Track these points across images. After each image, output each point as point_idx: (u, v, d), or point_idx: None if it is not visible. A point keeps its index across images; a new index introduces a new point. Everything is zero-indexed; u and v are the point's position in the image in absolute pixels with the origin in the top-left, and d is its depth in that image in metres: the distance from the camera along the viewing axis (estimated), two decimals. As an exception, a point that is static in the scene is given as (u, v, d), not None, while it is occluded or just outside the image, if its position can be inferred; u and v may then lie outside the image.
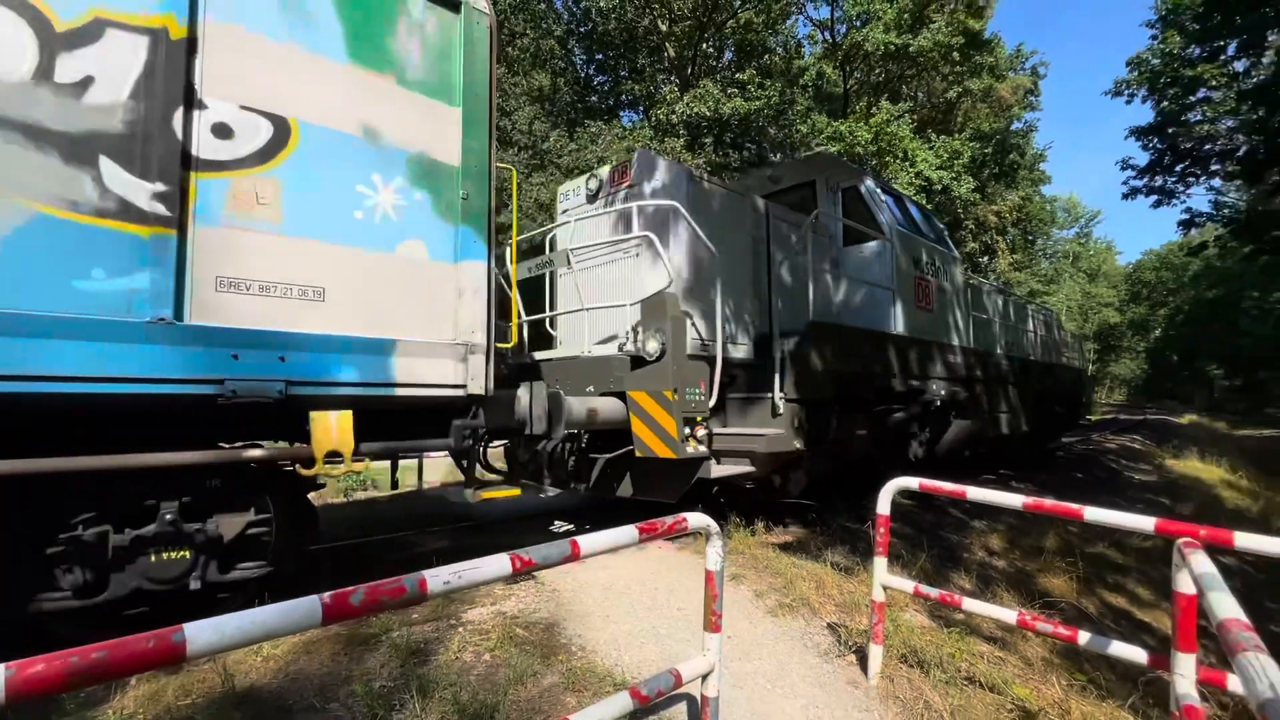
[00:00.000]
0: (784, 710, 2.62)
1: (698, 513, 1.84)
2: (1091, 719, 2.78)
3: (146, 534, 2.76)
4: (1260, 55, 18.44)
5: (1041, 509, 2.36)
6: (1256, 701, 0.87)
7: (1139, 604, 6.05)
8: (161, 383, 2.53)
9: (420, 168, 3.35)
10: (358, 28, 3.14)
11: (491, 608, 3.42)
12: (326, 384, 2.95)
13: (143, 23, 2.55)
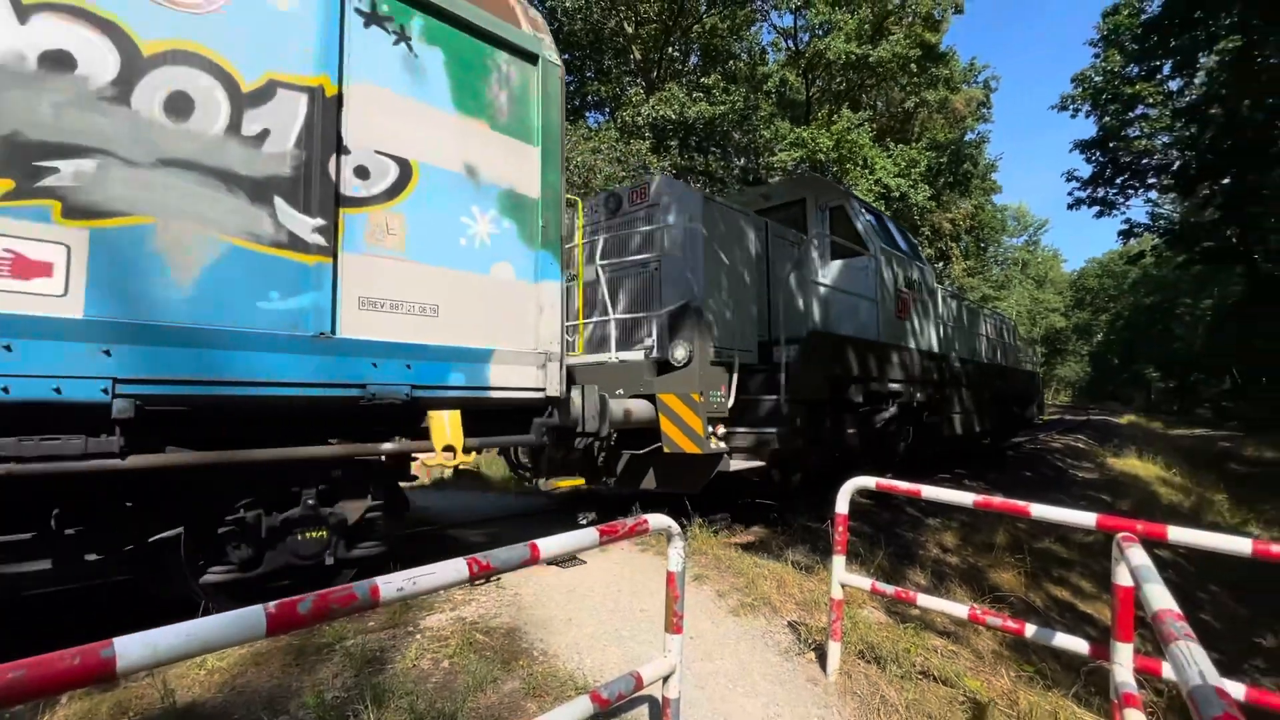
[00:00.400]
0: (745, 709, 2.64)
1: (659, 514, 1.83)
2: (1037, 708, 2.87)
3: (293, 516, 3.22)
4: (1192, 76, 19.56)
5: (991, 507, 2.44)
6: (1187, 688, 0.92)
7: (1082, 596, 6.32)
8: (322, 387, 3.01)
9: (508, 200, 3.90)
10: (460, 81, 3.68)
11: (451, 613, 3.36)
12: (441, 388, 3.45)
13: (305, 83, 3.04)
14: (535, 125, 4.06)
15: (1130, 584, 1.77)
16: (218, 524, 3.02)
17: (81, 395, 2.37)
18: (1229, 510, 12.68)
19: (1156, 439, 21.68)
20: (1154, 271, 40.70)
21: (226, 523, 3.04)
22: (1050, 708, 2.88)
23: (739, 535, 5.65)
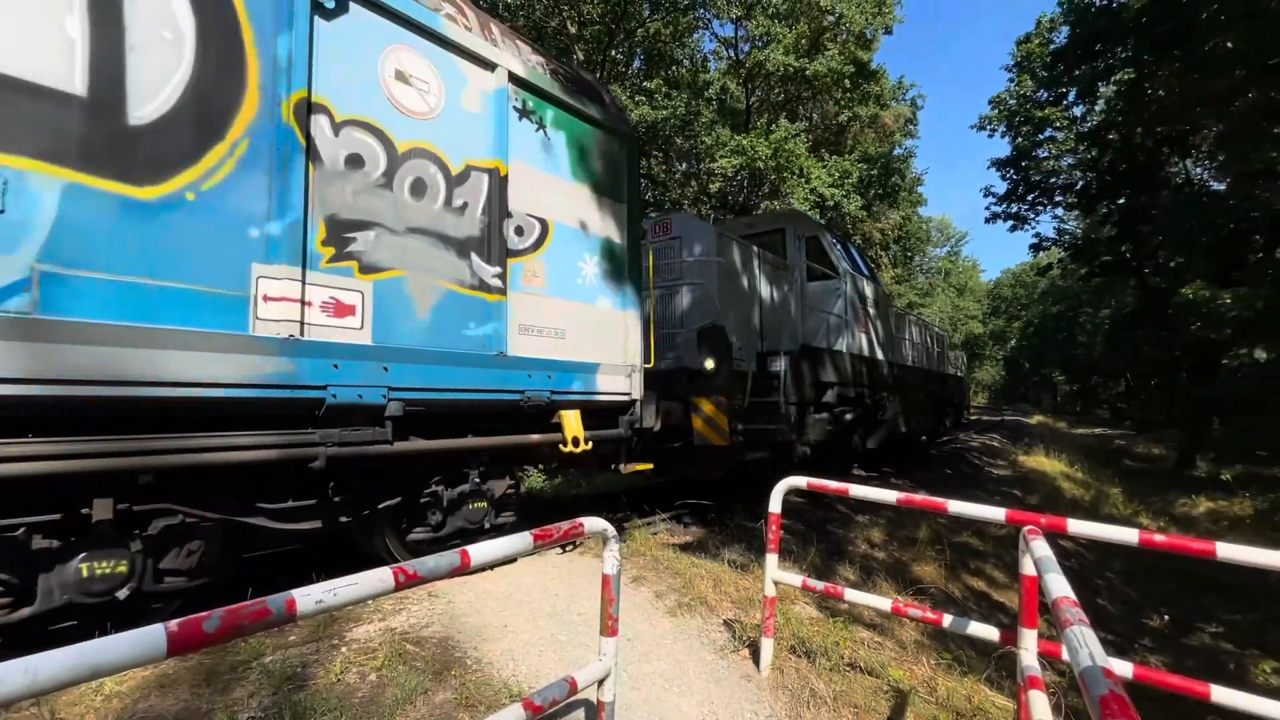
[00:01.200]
0: (680, 709, 2.66)
1: (594, 517, 1.83)
2: (954, 693, 3.04)
3: (465, 491, 4.06)
4: (1093, 104, 21.23)
5: (913, 504, 2.56)
6: (1079, 670, 0.99)
7: (996, 586, 6.73)
8: (499, 393, 4.00)
9: (606, 247, 4.97)
10: (575, 156, 4.74)
11: (380, 624, 3.23)
12: (567, 393, 4.46)
13: (487, 165, 4.05)
14: (623, 188, 5.22)
15: (1035, 574, 1.89)
16: (420, 496, 3.86)
17: (372, 399, 3.29)
18: (1123, 502, 13.84)
19: (1061, 438, 23.41)
20: (1060, 283, 43.96)
21: (425, 495, 3.88)
22: (966, 692, 3.05)
23: (678, 536, 5.72)
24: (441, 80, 3.86)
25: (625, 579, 4.16)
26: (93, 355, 2.40)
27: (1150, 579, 8.94)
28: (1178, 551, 2.03)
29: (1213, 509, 14.72)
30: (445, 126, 3.80)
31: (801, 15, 19.25)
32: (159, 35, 2.68)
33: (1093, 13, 16.32)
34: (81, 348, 2.37)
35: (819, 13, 19.04)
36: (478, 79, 4.07)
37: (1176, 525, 13.12)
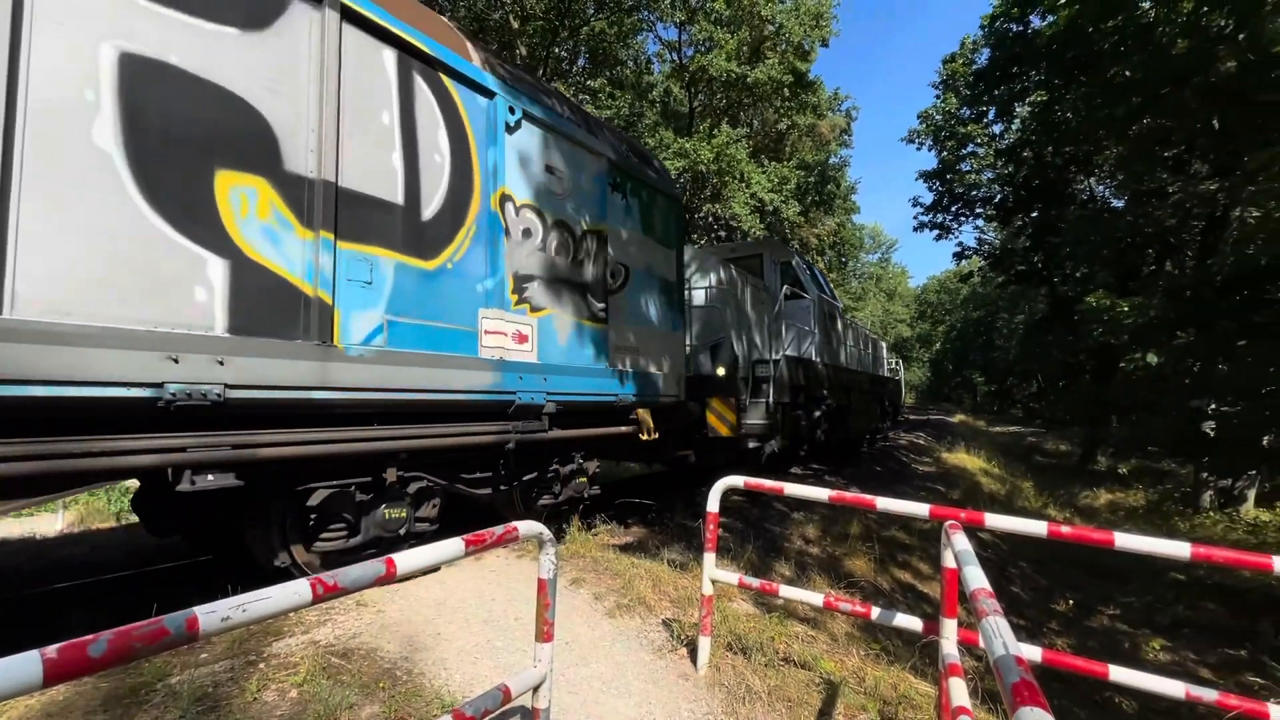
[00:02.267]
0: (618, 710, 2.65)
1: (529, 521, 1.78)
2: (882, 682, 3.16)
3: (573, 469, 5.30)
4: (1010, 123, 22.67)
5: (844, 501, 2.64)
6: (993, 659, 1.04)
7: (922, 578, 7.06)
8: (603, 396, 5.36)
9: (664, 284, 6.50)
10: (644, 214, 6.18)
11: (303, 637, 3.06)
12: (643, 396, 5.86)
13: (597, 229, 5.44)
14: (674, 234, 6.77)
15: (955, 566, 1.99)
16: (545, 472, 5.05)
17: (539, 401, 4.60)
18: (1034, 495, 14.82)
19: (981, 435, 24.86)
20: (980, 290, 46.73)
21: (549, 471, 5.08)
22: (892, 680, 3.18)
23: (618, 536, 5.70)
24: (571, 170, 5.22)
25: (564, 581, 4.11)
26: (410, 374, 3.71)
27: (1059, 566, 9.60)
28: (1081, 541, 2.18)
29: (1112, 500, 16.00)
30: (572, 203, 5.21)
31: (743, 23, 19.64)
32: (434, 159, 4.01)
33: (1010, 37, 17.43)
34: (405, 369, 3.68)
35: (760, 21, 19.48)
36: (591, 166, 5.51)
37: (1081, 516, 14.17)
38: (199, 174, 2.84)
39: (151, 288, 2.68)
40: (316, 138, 3.28)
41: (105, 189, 2.55)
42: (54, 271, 2.41)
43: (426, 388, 3.78)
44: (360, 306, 3.48)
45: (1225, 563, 1.90)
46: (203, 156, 2.86)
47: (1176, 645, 7.27)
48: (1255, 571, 1.89)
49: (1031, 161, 20.77)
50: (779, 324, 9.45)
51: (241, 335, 2.94)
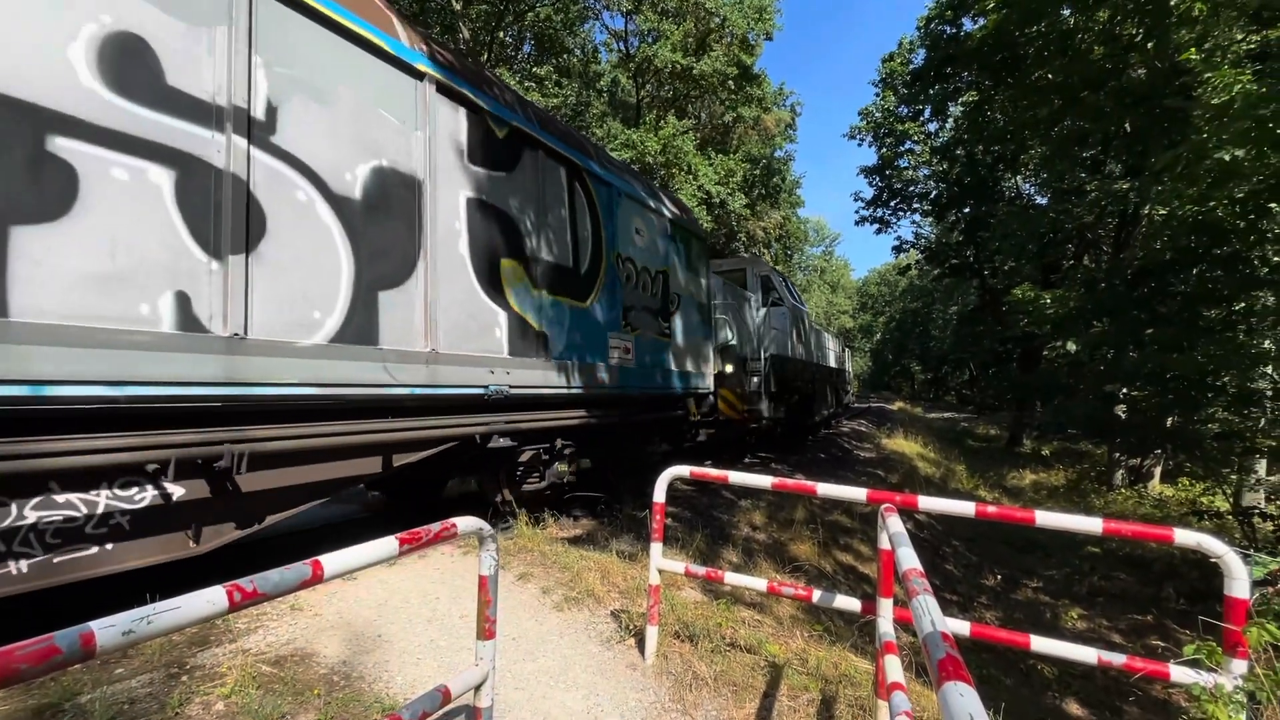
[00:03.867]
0: (565, 704, 2.63)
1: (468, 517, 1.74)
2: (825, 661, 3.25)
3: (647, 447, 7.58)
4: (944, 122, 23.58)
5: (786, 488, 2.70)
6: (922, 636, 1.07)
7: (863, 560, 7.31)
8: (667, 390, 7.36)
9: (699, 305, 8.50)
10: (686, 254, 8.15)
11: (230, 645, 2.90)
12: (689, 389, 7.87)
13: (662, 270, 7.51)
14: (704, 266, 8.84)
15: (890, 548, 2.05)
16: (629, 443, 7.02)
17: (638, 395, 6.80)
18: (967, 477, 15.60)
19: (918, 422, 25.96)
20: (917, 282, 48.71)
21: (626, 451, 6.94)
22: (834, 660, 3.27)
23: (566, 529, 5.67)
24: (647, 228, 7.14)
25: (511, 576, 4.05)
26: (579, 377, 5.53)
27: (988, 543, 10.15)
28: (1006, 520, 2.29)
29: (1036, 480, 17.02)
30: (649, 252, 7.13)
31: (688, 14, 19.67)
32: (584, 235, 5.80)
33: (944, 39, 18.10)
34: (577, 374, 5.54)
35: (705, 14, 19.55)
36: (657, 223, 7.42)
37: (1008, 495, 15.02)
38: (494, 261, 4.69)
39: (478, 331, 4.52)
40: (537, 231, 5.22)
41: (463, 276, 4.40)
42: (443, 324, 4.19)
43: (586, 384, 5.70)
44: (556, 333, 5.34)
45: (1133, 536, 2.04)
46: (495, 252, 4.70)
47: (1092, 613, 7.82)
48: (1159, 543, 2.04)
49: (964, 159, 21.71)
50: (762, 328, 11.46)
51: (514, 356, 4.81)
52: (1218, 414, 9.91)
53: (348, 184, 3.54)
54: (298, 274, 3.26)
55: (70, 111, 2.41)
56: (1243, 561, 1.90)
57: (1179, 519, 11.68)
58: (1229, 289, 8.96)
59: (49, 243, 2.36)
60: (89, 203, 2.47)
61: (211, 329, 2.85)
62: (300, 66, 3.30)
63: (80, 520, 2.54)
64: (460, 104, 4.42)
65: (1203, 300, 9.50)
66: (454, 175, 4.31)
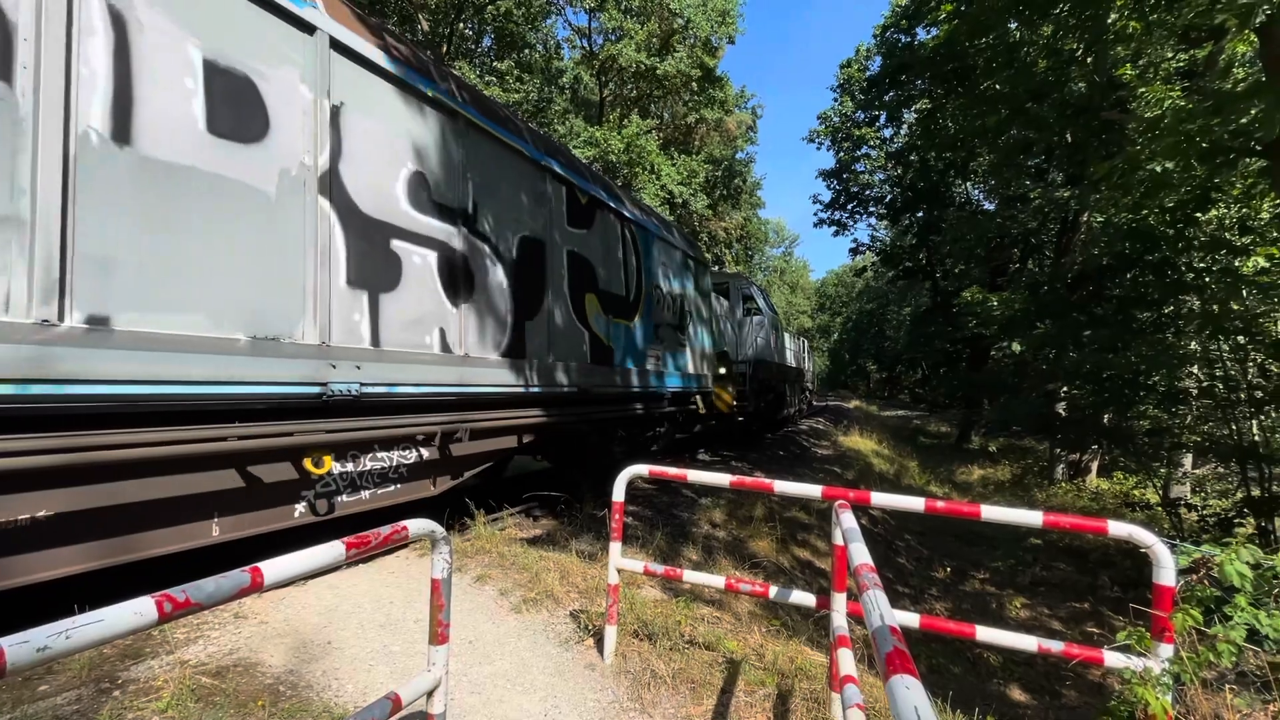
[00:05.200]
0: (522, 707, 2.60)
1: (421, 519, 1.69)
2: (781, 656, 3.30)
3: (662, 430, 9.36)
4: (899, 128, 24.27)
5: (744, 486, 2.72)
6: (871, 629, 1.09)
7: (820, 555, 7.45)
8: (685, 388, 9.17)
9: (704, 319, 10.33)
10: (694, 280, 9.94)
11: (168, 657, 2.77)
12: (699, 387, 9.73)
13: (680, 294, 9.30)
14: (707, 287, 10.59)
15: (843, 543, 2.09)
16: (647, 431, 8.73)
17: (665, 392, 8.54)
18: (919, 473, 16.09)
19: (873, 419, 26.66)
20: (873, 283, 50.03)
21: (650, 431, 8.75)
22: (790, 654, 3.32)
23: (526, 529, 5.60)
24: (669, 260, 8.82)
25: (468, 579, 3.98)
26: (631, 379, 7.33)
27: (938, 537, 10.49)
28: (954, 514, 2.37)
29: (983, 475, 17.68)
30: (671, 280, 8.81)
31: (652, 14, 19.70)
32: (631, 270, 7.50)
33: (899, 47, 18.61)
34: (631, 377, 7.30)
35: (669, 15, 19.62)
36: (676, 256, 9.15)
37: (958, 490, 15.56)
38: (580, 295, 6.20)
39: (574, 346, 6.04)
40: (603, 270, 6.77)
41: (566, 307, 5.92)
42: (558, 343, 5.73)
43: (633, 385, 7.33)
44: (616, 345, 6.92)
45: (1071, 528, 2.13)
46: (581, 287, 6.24)
47: (1035, 602, 8.16)
48: (1095, 534, 2.13)
49: (917, 165, 22.39)
50: (745, 335, 13.49)
51: (594, 364, 6.37)
52: (1149, 411, 10.49)
53: (509, 251, 5.11)
54: (489, 314, 4.81)
55: (397, 224, 3.97)
56: (1169, 551, 2.01)
57: (1114, 511, 12.33)
58: (1159, 293, 9.49)
59: (393, 302, 3.89)
60: (406, 277, 4.00)
61: (454, 351, 4.38)
62: (490, 181, 4.94)
63: (386, 469, 3.99)
64: (563, 185, 6.07)
65: (1135, 304, 10.04)
66: (560, 236, 5.94)
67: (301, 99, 3.33)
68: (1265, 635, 2.09)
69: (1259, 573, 2.20)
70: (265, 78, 3.16)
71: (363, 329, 3.66)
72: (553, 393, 5.54)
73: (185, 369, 2.73)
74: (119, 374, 2.52)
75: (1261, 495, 8.82)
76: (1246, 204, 8.73)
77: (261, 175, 3.12)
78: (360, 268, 3.66)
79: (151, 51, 2.73)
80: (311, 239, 3.33)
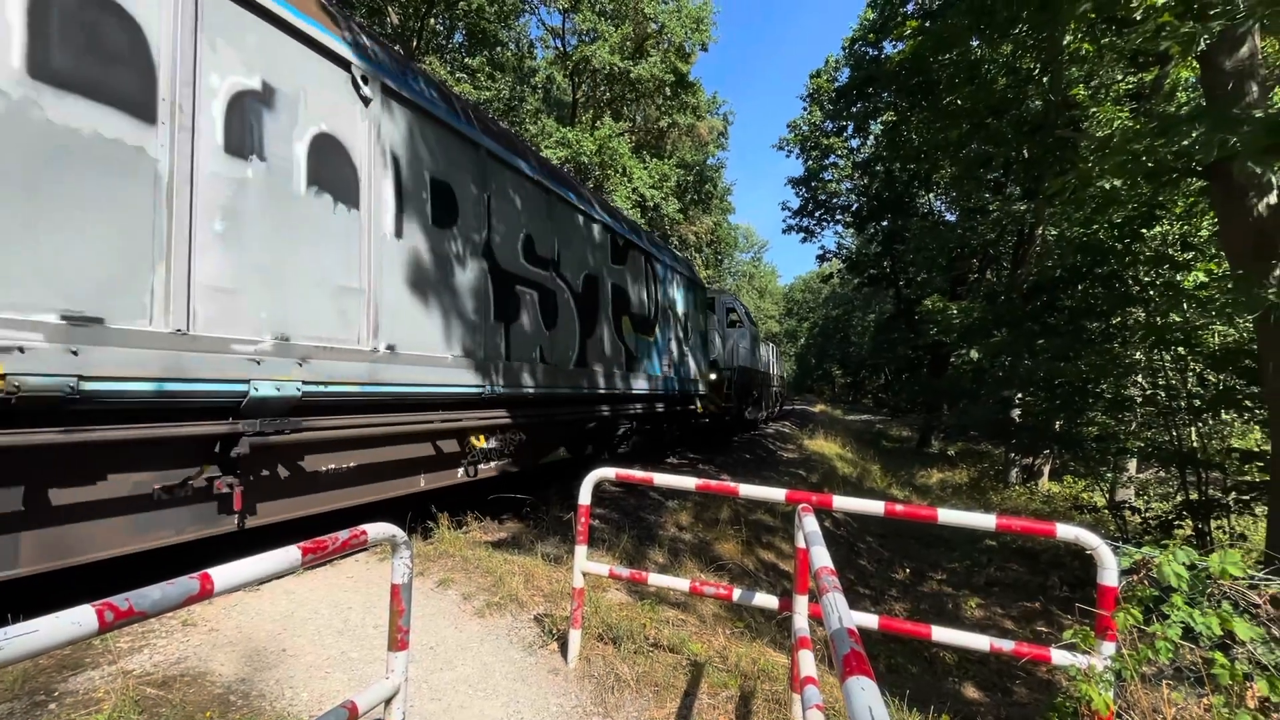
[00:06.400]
0: (484, 713, 2.56)
1: (382, 523, 1.66)
2: (745, 658, 3.33)
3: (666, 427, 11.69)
4: (866, 138, 24.81)
5: (710, 489, 2.74)
6: (830, 632, 1.11)
7: (784, 557, 7.55)
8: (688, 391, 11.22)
9: (702, 335, 12.52)
10: (696, 300, 12.13)
11: (110, 668, 2.65)
12: (697, 392, 11.78)
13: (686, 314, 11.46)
14: (705, 306, 12.81)
15: (805, 546, 2.12)
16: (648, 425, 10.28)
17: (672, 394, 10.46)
18: (880, 476, 16.45)
19: (838, 423, 27.16)
20: (839, 290, 50.99)
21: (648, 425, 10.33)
22: (753, 656, 3.36)
23: (491, 533, 5.54)
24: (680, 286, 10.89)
25: (431, 583, 3.91)
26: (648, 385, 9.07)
27: (897, 539, 10.74)
28: (913, 518, 2.43)
29: (942, 478, 18.17)
30: (676, 299, 10.55)
31: (627, 17, 19.75)
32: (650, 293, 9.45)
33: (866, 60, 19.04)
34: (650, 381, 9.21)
35: (643, 19, 19.69)
36: (683, 283, 11.00)
37: (917, 493, 15.95)
38: (619, 316, 7.99)
39: (615, 358, 7.89)
40: (633, 295, 8.43)
41: (610, 326, 7.71)
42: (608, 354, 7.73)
43: (653, 388, 8.94)
44: (641, 355, 8.63)
45: (1023, 530, 2.21)
46: (619, 310, 8.04)
47: (989, 602, 8.42)
48: (1045, 537, 2.21)
49: (882, 175, 22.94)
50: (728, 345, 15.22)
51: (630, 372, 8.21)
52: (1097, 418, 10.93)
53: (577, 287, 6.88)
54: (566, 334, 6.60)
55: (516, 273, 5.69)
56: (1113, 553, 2.09)
57: (1064, 514, 12.79)
58: (1107, 305, 9.91)
59: (517, 329, 5.61)
60: (522, 310, 5.74)
61: (549, 362, 6.16)
62: (568, 236, 6.83)
63: (490, 451, 5.28)
64: (609, 232, 7.87)
65: (1086, 314, 10.46)
66: (607, 271, 7.78)
67: (474, 195, 5.17)
68: (1199, 633, 2.20)
69: (1194, 573, 2.31)
70: (474, 198, 5.21)
71: (502, 348, 5.41)
72: (603, 393, 7.50)
73: (425, 376, 4.43)
74: (400, 379, 4.22)
75: (1198, 499, 9.27)
76: (1188, 222, 9.19)
77: (461, 253, 4.95)
78: (502, 306, 5.44)
79: (415, 187, 4.53)
80: (485, 293, 5.20)
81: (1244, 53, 5.34)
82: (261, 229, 3.31)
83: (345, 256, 3.83)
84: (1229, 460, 9.12)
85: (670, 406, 10.34)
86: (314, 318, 3.58)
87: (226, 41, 3.18)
